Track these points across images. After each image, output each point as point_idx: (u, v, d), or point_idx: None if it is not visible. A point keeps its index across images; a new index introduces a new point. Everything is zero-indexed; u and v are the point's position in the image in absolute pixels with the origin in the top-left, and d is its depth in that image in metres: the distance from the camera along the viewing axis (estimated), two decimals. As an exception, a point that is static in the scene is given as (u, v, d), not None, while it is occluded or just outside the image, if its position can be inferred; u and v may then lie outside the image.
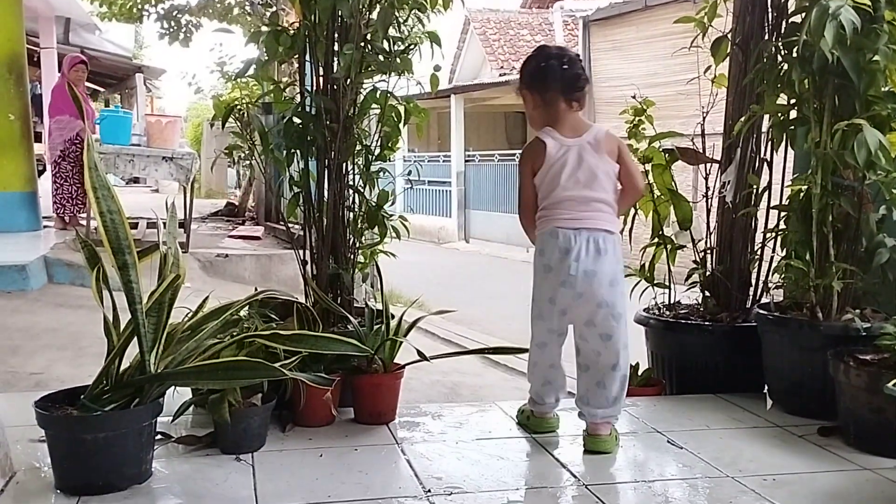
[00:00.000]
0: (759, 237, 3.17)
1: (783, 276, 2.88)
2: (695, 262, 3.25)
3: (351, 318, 2.69)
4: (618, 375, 2.39)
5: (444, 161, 17.64)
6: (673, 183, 3.27)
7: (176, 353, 2.17)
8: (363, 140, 2.90)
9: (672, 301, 3.27)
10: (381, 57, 2.75)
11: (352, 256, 2.91)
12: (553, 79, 2.41)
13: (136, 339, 2.06)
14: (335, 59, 2.77)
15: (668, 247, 3.27)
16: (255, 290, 2.64)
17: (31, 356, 3.93)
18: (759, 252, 3.14)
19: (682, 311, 3.23)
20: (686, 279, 3.27)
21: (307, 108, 2.82)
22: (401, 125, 2.95)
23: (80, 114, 6.29)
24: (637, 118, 3.28)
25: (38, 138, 11.16)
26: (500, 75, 17.56)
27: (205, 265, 6.71)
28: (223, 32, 12.55)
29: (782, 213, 2.92)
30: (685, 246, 3.27)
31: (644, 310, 3.24)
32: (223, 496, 2.03)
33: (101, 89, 19.23)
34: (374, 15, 2.74)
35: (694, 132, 3.31)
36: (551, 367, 2.49)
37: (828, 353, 2.53)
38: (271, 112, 5.78)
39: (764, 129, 3.09)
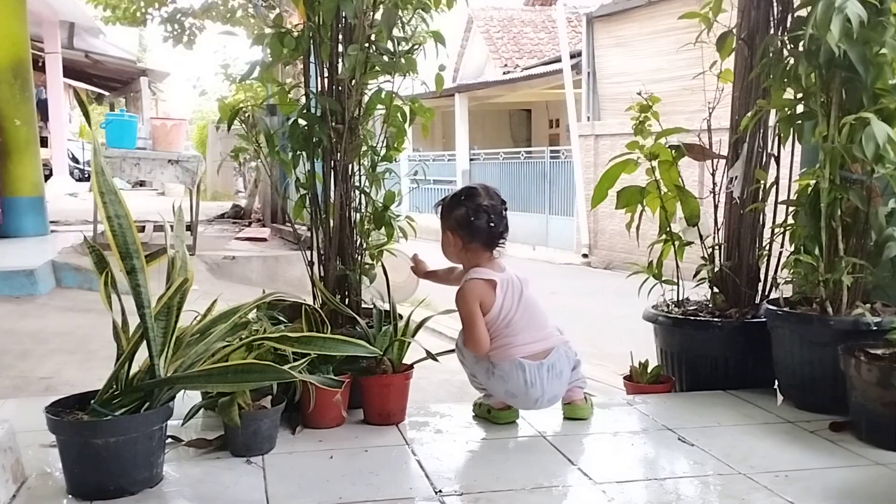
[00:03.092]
0: (767, 232, 3.16)
1: (792, 271, 2.87)
2: (703, 258, 3.24)
3: (359, 320, 2.69)
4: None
5: (449, 160, 17.65)
6: (680, 179, 3.26)
7: (185, 356, 2.17)
8: (369, 141, 2.90)
9: (681, 297, 3.27)
10: (385, 57, 2.75)
11: (359, 257, 2.91)
12: (479, 233, 2.50)
13: (145, 343, 2.06)
14: (339, 60, 2.77)
15: (676, 243, 3.26)
16: (263, 292, 2.64)
17: (40, 361, 3.94)
18: (767, 247, 3.13)
19: (691, 308, 3.22)
20: (694, 275, 3.26)
21: (312, 110, 2.82)
22: (406, 125, 2.95)
23: None
24: (643, 114, 3.27)
25: (45, 143, 11.22)
26: (504, 73, 17.57)
27: (212, 267, 6.72)
28: (227, 35, 12.60)
29: (790, 208, 2.91)
30: (693, 242, 3.26)
31: (653, 307, 3.24)
32: (234, 499, 2.03)
33: (106, 93, 19.29)
34: (378, 15, 2.73)
35: (700, 128, 3.30)
36: None
37: (838, 348, 2.52)
38: (276, 114, 5.81)
39: (771, 123, 3.08)
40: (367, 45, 2.72)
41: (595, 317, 7.48)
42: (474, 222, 2.50)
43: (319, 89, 2.84)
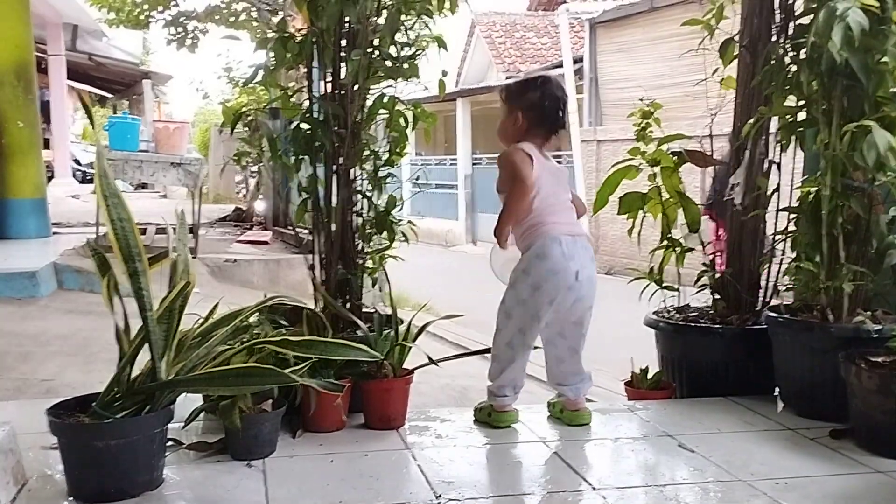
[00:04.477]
0: (768, 240, 3.16)
1: (793, 278, 2.87)
2: (704, 264, 3.25)
3: (360, 324, 2.69)
4: (582, 356, 2.67)
5: (450, 164, 17.64)
6: (681, 185, 3.27)
7: (187, 359, 2.18)
8: (371, 145, 2.91)
9: (682, 304, 3.27)
10: (388, 62, 2.76)
11: (360, 261, 2.91)
12: (547, 118, 2.60)
13: (146, 345, 2.06)
14: (343, 64, 2.78)
15: (677, 249, 3.27)
16: (265, 295, 2.64)
17: (41, 363, 3.94)
18: (768, 254, 3.13)
19: (692, 314, 3.22)
20: (695, 282, 3.26)
21: (315, 114, 2.82)
22: (408, 130, 2.95)
23: None
24: (645, 120, 3.28)
25: (47, 145, 11.22)
26: (507, 78, 17.55)
27: (213, 270, 6.72)
28: (230, 39, 12.63)
29: (792, 215, 2.91)
30: (694, 248, 3.27)
31: (654, 313, 3.24)
32: (235, 502, 2.03)
33: (109, 95, 19.31)
34: (381, 20, 2.74)
35: (702, 134, 3.31)
36: (523, 369, 2.66)
37: (839, 356, 2.52)
38: (278, 118, 5.82)
39: (772, 130, 3.08)
40: (370, 49, 2.73)
41: (596, 322, 7.47)
42: (547, 106, 2.58)
43: (322, 94, 2.85)
